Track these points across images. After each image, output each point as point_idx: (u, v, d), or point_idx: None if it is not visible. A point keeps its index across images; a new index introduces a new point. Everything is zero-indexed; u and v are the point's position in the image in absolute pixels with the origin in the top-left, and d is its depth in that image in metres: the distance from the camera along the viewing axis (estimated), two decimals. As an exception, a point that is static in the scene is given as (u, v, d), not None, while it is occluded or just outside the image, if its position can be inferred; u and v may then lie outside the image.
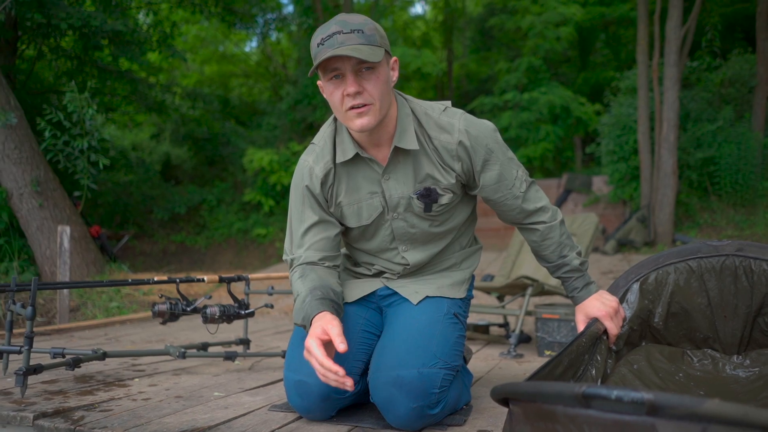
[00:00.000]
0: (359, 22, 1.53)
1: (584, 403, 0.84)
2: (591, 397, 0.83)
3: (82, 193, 6.55)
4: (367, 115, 1.55)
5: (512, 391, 1.03)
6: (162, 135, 14.10)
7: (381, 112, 1.58)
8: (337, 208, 1.75)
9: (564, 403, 0.89)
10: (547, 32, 12.31)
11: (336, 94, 1.56)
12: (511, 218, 1.80)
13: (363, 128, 1.57)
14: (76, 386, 2.13)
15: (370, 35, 1.52)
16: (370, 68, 1.53)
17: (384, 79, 1.57)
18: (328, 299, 1.57)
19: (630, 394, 0.79)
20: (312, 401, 1.64)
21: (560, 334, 3.10)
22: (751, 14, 11.08)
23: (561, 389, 0.89)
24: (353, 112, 1.55)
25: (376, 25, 1.57)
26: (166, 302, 2.44)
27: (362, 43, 1.50)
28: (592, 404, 0.84)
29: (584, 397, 0.83)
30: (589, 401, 0.83)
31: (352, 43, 1.49)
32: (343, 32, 1.50)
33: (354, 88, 1.52)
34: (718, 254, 1.84)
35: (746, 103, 9.58)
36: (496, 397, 1.11)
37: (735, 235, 8.31)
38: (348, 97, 1.54)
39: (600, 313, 1.71)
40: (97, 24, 7.44)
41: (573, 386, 0.85)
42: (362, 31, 1.51)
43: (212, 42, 17.85)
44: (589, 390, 0.83)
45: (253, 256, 10.82)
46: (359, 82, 1.53)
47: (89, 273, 6.17)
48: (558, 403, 0.90)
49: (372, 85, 1.54)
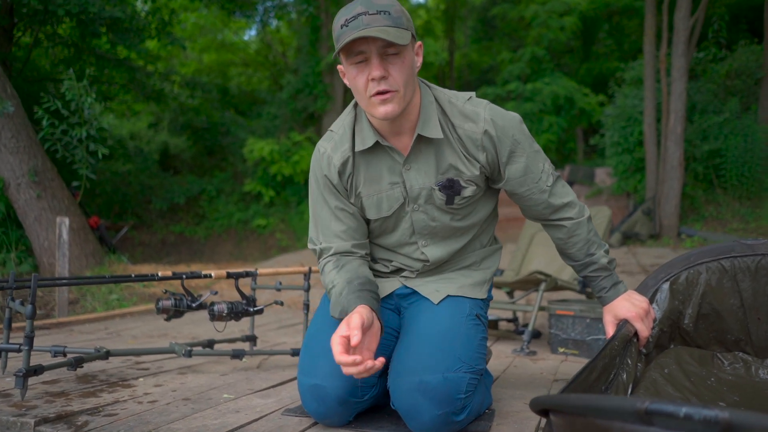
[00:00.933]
0: (385, 2, 1.44)
1: (646, 420, 0.76)
2: (655, 414, 0.75)
3: (80, 183, 6.44)
4: (391, 103, 1.47)
5: (559, 403, 0.95)
6: (160, 124, 13.98)
7: (405, 100, 1.49)
8: (357, 199, 1.67)
9: (622, 419, 0.80)
10: (551, 22, 12.20)
11: (360, 78, 1.47)
12: (537, 214, 1.72)
13: (386, 116, 1.48)
14: (79, 387, 2.04)
15: (396, 17, 1.43)
16: (396, 53, 1.45)
17: (409, 64, 1.49)
18: (366, 290, 1.50)
19: (702, 412, 0.71)
20: (329, 406, 1.55)
21: (575, 331, 3.02)
22: (756, 5, 10.97)
23: (619, 404, 0.80)
24: (377, 99, 1.47)
25: (402, 8, 1.48)
26: (171, 298, 2.35)
27: (389, 24, 1.42)
28: (654, 421, 0.76)
29: (647, 413, 0.75)
30: (651, 418, 0.75)
31: (378, 24, 1.41)
32: (368, 13, 1.41)
33: (379, 72, 1.44)
34: (754, 254, 1.76)
35: (752, 95, 9.49)
36: (538, 409, 1.03)
37: (741, 228, 8.24)
38: (373, 81, 1.45)
39: (630, 315, 1.63)
40: (95, 10, 7.31)
41: (634, 401, 0.77)
42: (389, 12, 1.42)
43: (211, 30, 17.67)
44: (653, 406, 0.75)
45: (254, 247, 10.74)
46: (384, 66, 1.44)
47: (88, 265, 6.08)
48: (615, 419, 0.82)
49: (397, 70, 1.46)
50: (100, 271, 6.00)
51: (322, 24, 11.94)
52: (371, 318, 1.42)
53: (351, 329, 1.33)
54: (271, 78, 17.53)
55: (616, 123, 9.61)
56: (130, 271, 6.21)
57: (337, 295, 1.52)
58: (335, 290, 1.55)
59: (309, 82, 11.69)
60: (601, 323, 2.93)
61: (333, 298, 1.55)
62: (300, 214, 11.26)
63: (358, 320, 1.36)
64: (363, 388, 1.57)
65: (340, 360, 1.32)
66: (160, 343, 3.27)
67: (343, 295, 1.50)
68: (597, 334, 2.95)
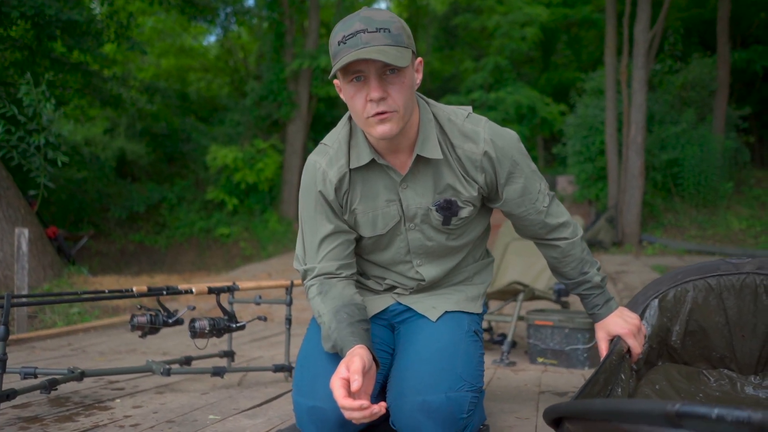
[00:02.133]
0: (385, 19, 1.39)
1: (676, 423, 0.77)
2: (686, 416, 0.75)
3: (37, 192, 6.19)
4: (390, 122, 1.42)
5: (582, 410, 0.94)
6: (116, 130, 13.59)
7: (404, 119, 1.45)
8: (351, 216, 1.62)
9: (650, 422, 0.81)
10: (513, 32, 12.39)
11: (358, 98, 1.42)
12: (532, 233, 1.71)
13: (384, 136, 1.44)
14: (53, 411, 1.93)
15: (396, 34, 1.38)
16: (395, 71, 1.39)
17: (409, 83, 1.43)
18: (356, 322, 1.45)
19: (734, 413, 0.72)
20: (328, 428, 1.50)
21: (553, 341, 3.03)
22: (707, 19, 11.39)
23: (648, 407, 0.81)
24: (375, 119, 1.42)
25: (403, 22, 1.43)
26: (146, 314, 2.26)
27: (389, 44, 1.36)
28: (684, 424, 0.76)
29: (678, 416, 0.75)
30: (681, 420, 0.76)
31: (378, 43, 1.35)
32: (367, 31, 1.36)
33: (378, 93, 1.38)
34: (738, 272, 1.80)
35: (707, 105, 9.83)
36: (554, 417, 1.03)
37: (698, 235, 8.51)
38: (371, 102, 1.40)
39: (623, 332, 1.64)
40: (52, 13, 7.06)
41: (663, 404, 0.77)
42: (389, 30, 1.37)
43: (170, 35, 17.32)
44: (684, 408, 0.75)
45: (217, 257, 10.53)
46: (383, 87, 1.39)
47: (46, 277, 5.83)
48: (642, 423, 0.82)
49: (397, 90, 1.41)
50: (59, 283, 5.76)
51: (287, 30, 11.84)
52: (370, 361, 1.38)
53: (351, 374, 1.29)
54: (231, 84, 17.28)
55: (577, 132, 9.81)
56: (91, 283, 5.99)
57: (327, 328, 1.47)
58: (323, 321, 1.50)
59: (273, 89, 11.55)
60: (579, 333, 2.96)
61: (323, 331, 1.51)
62: (264, 223, 11.10)
63: (359, 364, 1.31)
64: (362, 409, 1.52)
65: (343, 405, 1.27)
66: (129, 359, 3.15)
67: (333, 329, 1.45)
68: (575, 344, 2.97)
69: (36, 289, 5.53)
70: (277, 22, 11.84)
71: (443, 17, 16.88)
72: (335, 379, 1.30)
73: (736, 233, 8.61)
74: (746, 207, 9.35)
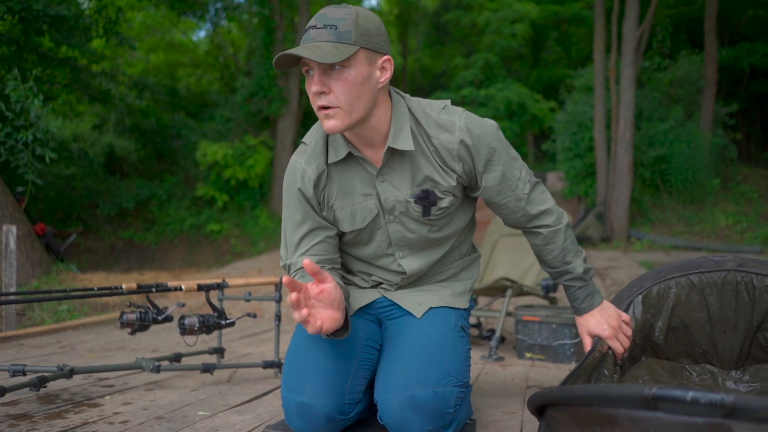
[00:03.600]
0: (338, 16, 1.40)
1: (652, 406, 0.81)
2: (662, 399, 0.80)
3: (25, 188, 6.15)
4: (333, 119, 1.43)
5: (564, 395, 0.98)
6: (105, 126, 13.48)
7: (352, 117, 1.44)
8: (329, 211, 1.63)
9: (628, 405, 0.85)
10: (503, 29, 12.41)
11: (309, 90, 1.45)
12: (515, 221, 1.71)
13: (330, 131, 1.45)
14: (42, 408, 1.94)
15: (344, 32, 1.38)
16: (338, 67, 1.40)
17: (356, 80, 1.41)
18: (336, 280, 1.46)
19: (708, 396, 0.76)
20: (315, 424, 1.52)
21: (541, 336, 3.06)
22: (695, 17, 11.47)
23: (626, 391, 0.85)
24: (322, 113, 1.44)
25: (364, 20, 1.42)
26: (135, 311, 2.26)
27: (330, 40, 1.38)
28: (660, 406, 0.81)
29: (654, 399, 0.80)
30: (658, 403, 0.80)
31: (320, 39, 1.38)
32: (316, 27, 1.39)
33: (317, 87, 1.40)
34: (720, 269, 1.83)
35: (694, 103, 9.91)
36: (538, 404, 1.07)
37: (685, 231, 8.58)
38: (315, 95, 1.43)
39: (604, 334, 1.66)
40: (40, 8, 7.00)
41: (641, 388, 0.82)
42: (335, 27, 1.38)
43: (159, 30, 17.19)
44: (661, 392, 0.80)
45: (207, 253, 10.51)
46: (325, 82, 1.41)
47: (35, 274, 5.81)
48: (621, 406, 0.86)
49: (339, 86, 1.41)
50: (47, 281, 5.74)
51: (277, 26, 11.80)
52: (339, 295, 1.36)
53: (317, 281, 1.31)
54: (221, 80, 17.20)
55: (567, 129, 9.86)
56: (80, 280, 5.96)
57: None
58: None
59: (263, 85, 11.51)
60: (566, 328, 3.00)
61: None
62: (255, 219, 11.08)
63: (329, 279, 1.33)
64: (350, 405, 1.55)
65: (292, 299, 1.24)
66: (119, 356, 3.15)
67: None
68: (563, 339, 3.01)
69: (24, 287, 5.50)
70: (267, 17, 11.79)
71: (434, 14, 16.89)
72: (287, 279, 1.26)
73: (722, 229, 8.70)
74: (733, 203, 9.45)
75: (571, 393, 0.95)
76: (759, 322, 1.75)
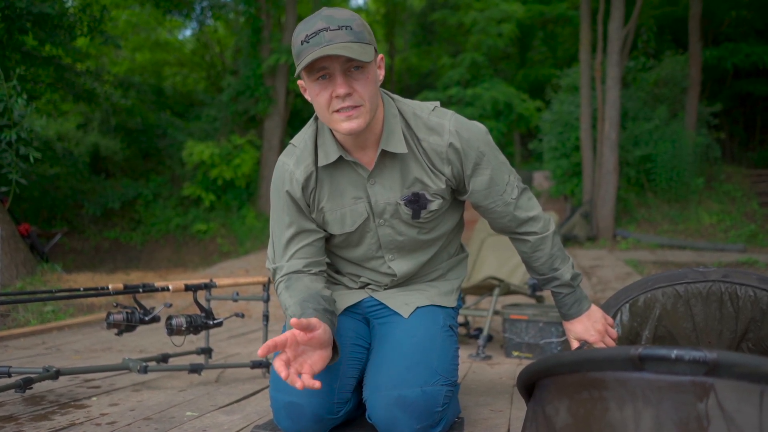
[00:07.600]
0: (346, 17, 1.41)
1: (639, 366, 0.84)
2: (648, 359, 0.82)
3: (9, 188, 6.08)
4: (357, 118, 1.44)
5: (554, 363, 1.00)
6: (90, 125, 13.35)
7: (370, 114, 1.47)
8: (319, 214, 1.63)
9: (615, 367, 0.88)
10: (489, 28, 12.46)
11: (323, 95, 1.44)
12: (502, 226, 1.72)
13: (351, 131, 1.45)
14: (28, 410, 1.92)
15: (359, 32, 1.40)
16: (359, 68, 1.42)
17: (373, 79, 1.46)
18: (321, 309, 1.45)
19: (691, 353, 0.79)
20: (304, 424, 1.52)
21: (528, 335, 3.08)
22: (679, 17, 11.58)
23: (613, 353, 0.88)
24: (341, 115, 1.44)
25: (363, 21, 1.46)
26: (122, 312, 2.25)
27: (352, 40, 1.38)
28: (646, 366, 0.83)
29: (640, 358, 0.83)
30: (644, 363, 0.83)
31: (341, 40, 1.37)
32: (330, 29, 1.38)
33: (344, 89, 1.40)
34: (705, 280, 1.85)
35: (679, 102, 10.01)
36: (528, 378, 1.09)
37: (670, 229, 8.67)
38: (337, 98, 1.42)
39: (590, 339, 1.68)
40: (23, 6, 6.92)
41: (627, 348, 0.85)
42: (350, 27, 1.39)
43: (144, 28, 17.05)
44: (646, 351, 0.82)
45: (194, 253, 10.45)
46: (349, 83, 1.41)
47: (19, 275, 5.74)
48: (608, 369, 0.89)
49: (362, 85, 1.42)
50: (32, 281, 5.68)
51: (264, 25, 11.76)
52: (329, 335, 1.36)
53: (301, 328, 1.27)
54: (208, 79, 17.10)
55: (553, 128, 9.92)
56: (66, 281, 5.91)
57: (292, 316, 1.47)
58: (289, 314, 1.50)
59: (250, 85, 11.46)
60: (553, 327, 3.02)
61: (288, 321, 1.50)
62: (242, 219, 11.03)
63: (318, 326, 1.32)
64: (338, 404, 1.55)
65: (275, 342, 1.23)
66: (105, 357, 3.13)
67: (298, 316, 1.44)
68: (550, 338, 3.03)
69: (9, 288, 5.44)
70: (254, 16, 11.74)
71: (421, 13, 16.92)
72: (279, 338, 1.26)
73: (706, 228, 8.80)
74: (716, 202, 9.56)
75: (560, 360, 0.97)
76: (743, 332, 1.78)
